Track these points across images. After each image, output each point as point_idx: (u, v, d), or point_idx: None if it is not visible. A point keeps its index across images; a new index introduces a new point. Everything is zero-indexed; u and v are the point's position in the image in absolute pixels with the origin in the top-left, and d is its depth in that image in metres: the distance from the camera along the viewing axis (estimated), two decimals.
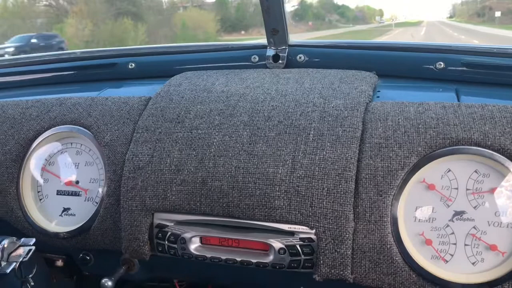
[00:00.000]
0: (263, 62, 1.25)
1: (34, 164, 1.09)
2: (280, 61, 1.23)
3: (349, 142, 0.88)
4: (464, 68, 1.10)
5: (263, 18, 1.18)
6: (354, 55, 1.21)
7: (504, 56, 1.08)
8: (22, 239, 0.95)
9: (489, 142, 0.83)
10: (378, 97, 1.03)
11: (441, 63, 1.11)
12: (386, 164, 0.85)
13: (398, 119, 0.89)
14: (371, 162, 0.86)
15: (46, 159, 1.10)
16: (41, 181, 1.09)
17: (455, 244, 0.84)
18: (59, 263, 1.17)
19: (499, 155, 0.83)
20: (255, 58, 1.26)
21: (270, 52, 1.24)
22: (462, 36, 26.01)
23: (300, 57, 1.23)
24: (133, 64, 1.33)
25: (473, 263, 0.84)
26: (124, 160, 0.98)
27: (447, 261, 0.85)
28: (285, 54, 1.23)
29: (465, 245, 0.84)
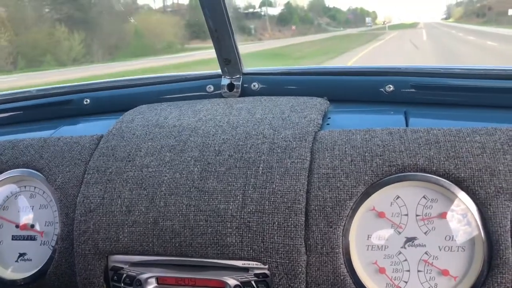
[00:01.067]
0: (219, 92, 1.25)
1: None
2: (235, 90, 1.23)
3: (297, 174, 0.87)
4: (413, 90, 1.11)
5: (215, 48, 1.18)
6: (307, 82, 1.21)
7: (450, 76, 1.09)
8: None
9: (434, 168, 0.84)
10: (328, 124, 1.04)
11: (391, 85, 1.12)
12: (334, 195, 0.85)
13: (345, 148, 0.90)
14: (320, 193, 0.86)
15: None
16: None
17: (408, 271, 0.84)
18: None
19: (445, 180, 0.83)
20: (210, 88, 1.26)
21: (225, 81, 1.24)
22: (489, 41, 17.53)
23: (254, 85, 1.23)
24: (88, 100, 1.31)
25: None
26: (76, 203, 0.97)
27: None
28: (240, 83, 1.23)
29: (418, 271, 0.84)
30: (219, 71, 1.25)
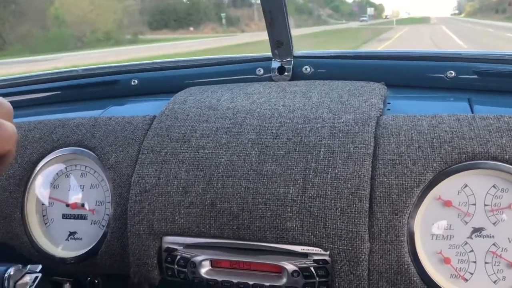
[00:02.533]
0: (269, 75, 1.22)
1: (38, 188, 1.07)
2: (286, 73, 1.20)
3: (361, 159, 0.85)
4: (476, 76, 1.07)
5: (267, 30, 1.15)
6: (362, 66, 1.18)
7: None
8: (28, 266, 0.93)
9: (507, 156, 0.80)
10: (389, 109, 1.01)
11: (452, 71, 1.08)
12: (401, 182, 0.82)
13: (411, 133, 0.87)
14: (385, 179, 0.83)
15: (50, 182, 1.07)
16: (46, 204, 1.07)
17: (474, 262, 0.81)
18: (67, 286, 1.15)
19: None
20: (260, 71, 1.23)
21: (275, 64, 1.21)
22: None
23: (306, 69, 1.20)
24: (136, 81, 1.30)
25: (494, 282, 0.81)
26: (130, 183, 0.96)
27: (467, 280, 0.82)
28: (291, 66, 1.20)
29: (485, 263, 0.81)
30: (269, 53, 1.22)
